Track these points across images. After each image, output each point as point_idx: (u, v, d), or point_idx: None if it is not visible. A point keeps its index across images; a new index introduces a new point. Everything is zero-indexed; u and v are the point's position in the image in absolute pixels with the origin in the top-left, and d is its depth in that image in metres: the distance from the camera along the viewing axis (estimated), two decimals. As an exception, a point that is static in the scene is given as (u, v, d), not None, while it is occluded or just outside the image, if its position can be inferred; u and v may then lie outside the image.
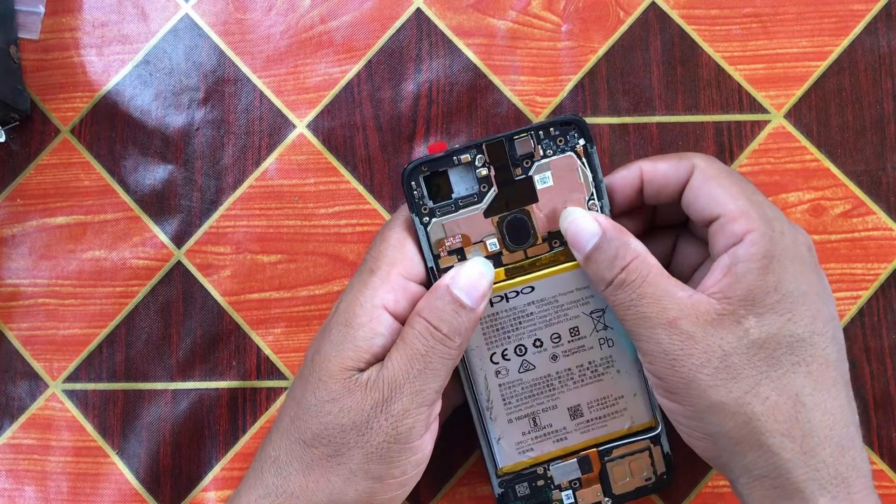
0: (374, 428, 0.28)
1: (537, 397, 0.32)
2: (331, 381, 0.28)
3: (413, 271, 0.30)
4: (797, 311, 0.27)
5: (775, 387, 0.26)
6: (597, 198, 0.31)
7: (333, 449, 0.28)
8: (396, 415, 0.28)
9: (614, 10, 0.40)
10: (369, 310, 0.29)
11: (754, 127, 0.39)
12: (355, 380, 0.28)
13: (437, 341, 0.28)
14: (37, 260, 0.40)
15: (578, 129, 0.31)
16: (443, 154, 0.31)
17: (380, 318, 0.29)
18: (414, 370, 0.28)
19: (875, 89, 0.39)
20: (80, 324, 0.39)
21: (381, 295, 0.29)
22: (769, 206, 0.29)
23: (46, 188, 0.40)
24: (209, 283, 0.39)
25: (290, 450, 0.29)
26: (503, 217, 0.31)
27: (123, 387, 0.39)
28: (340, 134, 0.40)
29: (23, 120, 0.40)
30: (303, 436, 0.29)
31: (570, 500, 0.33)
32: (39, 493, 0.38)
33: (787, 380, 0.26)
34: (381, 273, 0.29)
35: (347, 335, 0.29)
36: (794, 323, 0.27)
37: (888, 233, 0.38)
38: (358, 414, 0.28)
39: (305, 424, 0.29)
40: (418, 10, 0.40)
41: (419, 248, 0.31)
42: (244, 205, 0.40)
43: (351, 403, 0.28)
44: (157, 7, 0.41)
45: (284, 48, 0.40)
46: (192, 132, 0.40)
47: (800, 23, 0.40)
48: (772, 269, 0.27)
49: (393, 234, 0.31)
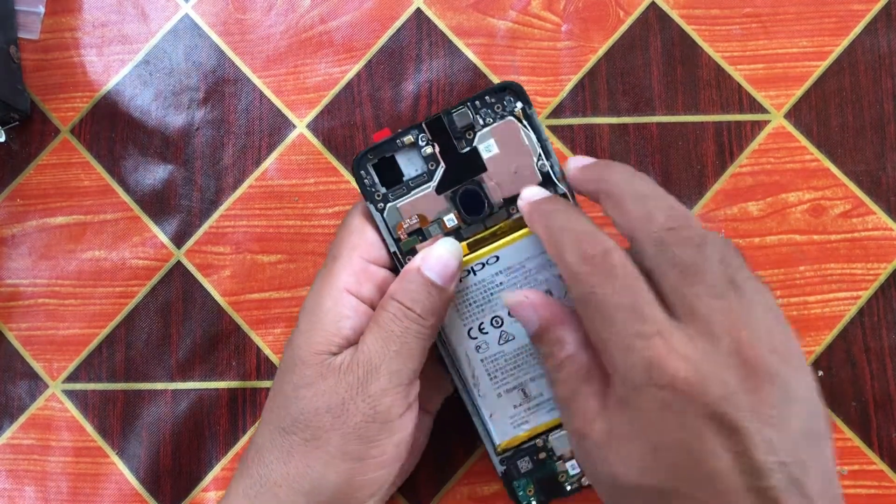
0: (351, 409, 0.28)
1: (522, 367, 0.32)
2: (303, 366, 0.29)
3: (374, 254, 0.30)
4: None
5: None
6: (545, 157, 0.31)
7: (311, 433, 0.28)
8: (374, 395, 0.28)
9: (614, 10, 0.40)
10: (334, 295, 0.29)
11: (754, 127, 0.39)
12: (328, 364, 0.28)
13: (412, 321, 0.28)
14: (36, 260, 0.40)
15: (514, 94, 0.31)
16: (386, 139, 0.31)
17: (344, 302, 0.29)
18: (390, 351, 0.28)
19: (875, 89, 0.39)
20: (80, 324, 0.39)
21: (343, 279, 0.29)
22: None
23: (46, 188, 0.40)
24: (209, 283, 0.39)
25: (271, 438, 0.29)
26: (455, 191, 0.31)
27: (123, 387, 0.39)
28: (340, 134, 0.40)
29: (23, 120, 0.40)
30: (281, 423, 0.29)
31: (577, 469, 0.32)
32: (39, 494, 0.38)
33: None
34: (343, 259, 0.30)
35: (314, 322, 0.29)
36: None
37: (888, 233, 0.38)
38: (333, 396, 0.28)
39: (283, 411, 0.29)
40: (418, 10, 0.40)
41: (380, 233, 0.31)
42: (244, 205, 0.40)
43: (325, 387, 0.28)
44: (156, 7, 0.41)
45: (284, 48, 0.40)
46: (191, 132, 0.40)
47: (800, 23, 0.40)
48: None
49: (352, 221, 0.31)
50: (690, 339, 0.23)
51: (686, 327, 0.23)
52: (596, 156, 0.39)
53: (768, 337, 0.23)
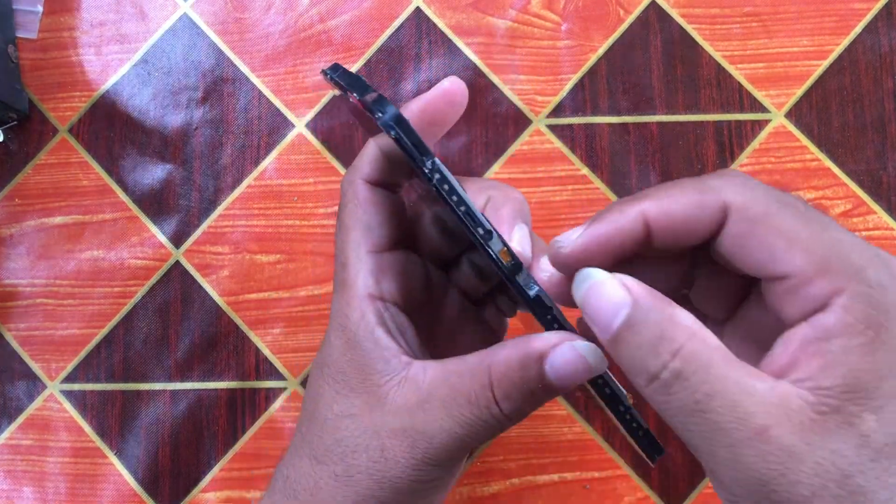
0: (390, 461, 0.25)
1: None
2: (351, 394, 0.25)
3: (380, 241, 0.26)
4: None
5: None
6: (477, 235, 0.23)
7: (342, 468, 0.26)
8: (418, 463, 0.24)
9: (614, 8, 0.40)
10: (357, 306, 0.26)
11: (755, 126, 0.39)
12: (377, 395, 0.25)
13: (493, 416, 0.23)
14: (35, 260, 0.39)
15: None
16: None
17: (371, 310, 0.26)
18: (453, 433, 0.24)
19: (876, 88, 0.39)
20: (79, 324, 0.39)
21: (361, 285, 0.26)
22: (853, 244, 0.20)
23: (44, 188, 0.40)
24: (208, 283, 0.39)
25: (299, 466, 0.27)
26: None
27: (122, 387, 0.39)
28: (339, 133, 0.40)
29: (21, 119, 0.40)
30: (314, 451, 0.26)
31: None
32: (37, 494, 0.38)
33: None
34: (352, 264, 0.26)
35: (350, 340, 0.26)
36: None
37: (889, 232, 0.38)
38: (374, 439, 0.25)
39: (318, 438, 0.26)
40: (417, 8, 0.40)
41: (373, 209, 0.27)
42: (243, 204, 0.39)
43: (370, 424, 0.25)
44: (155, 6, 0.41)
45: (283, 47, 0.40)
46: (190, 132, 0.40)
47: (800, 22, 0.40)
48: (881, 343, 0.18)
49: (346, 215, 0.27)
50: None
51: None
52: (596, 155, 0.39)
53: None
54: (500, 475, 0.37)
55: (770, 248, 0.20)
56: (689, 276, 0.25)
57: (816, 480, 0.18)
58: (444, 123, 0.26)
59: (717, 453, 0.19)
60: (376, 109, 0.22)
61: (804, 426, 0.18)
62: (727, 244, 0.21)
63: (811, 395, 0.19)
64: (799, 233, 0.20)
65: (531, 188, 0.39)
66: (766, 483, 0.19)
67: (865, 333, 0.19)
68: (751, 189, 0.21)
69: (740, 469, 0.19)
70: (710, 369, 0.19)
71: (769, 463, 0.18)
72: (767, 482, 0.18)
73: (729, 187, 0.21)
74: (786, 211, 0.20)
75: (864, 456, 0.18)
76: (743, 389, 0.19)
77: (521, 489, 0.37)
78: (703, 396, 0.19)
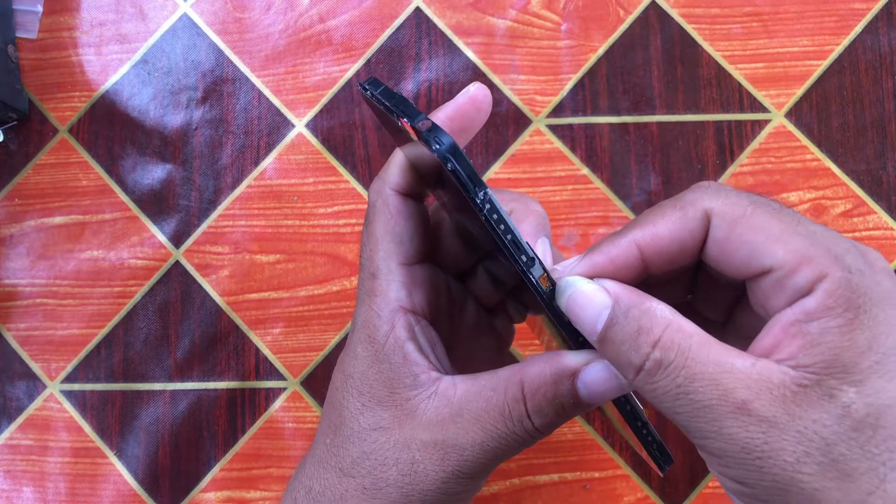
0: (420, 475, 0.25)
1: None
2: (379, 407, 0.25)
3: (411, 253, 0.26)
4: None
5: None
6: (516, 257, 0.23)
7: (371, 481, 0.25)
8: (448, 476, 0.24)
9: (614, 8, 0.40)
10: (387, 319, 0.26)
11: (755, 126, 0.39)
12: (407, 409, 0.25)
13: (526, 431, 0.24)
14: (35, 260, 0.39)
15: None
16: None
17: (402, 323, 0.26)
18: (486, 447, 0.24)
19: (876, 88, 0.39)
20: (79, 324, 0.39)
21: (392, 297, 0.26)
22: (828, 235, 0.21)
23: (44, 188, 0.40)
24: (207, 283, 0.39)
25: (324, 479, 0.26)
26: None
27: (122, 387, 0.39)
28: (339, 133, 0.40)
29: (21, 119, 0.40)
30: (340, 463, 0.26)
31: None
32: (37, 494, 0.38)
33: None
34: (383, 273, 0.26)
35: (379, 352, 0.25)
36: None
37: (889, 232, 0.38)
38: (404, 452, 0.25)
39: (345, 451, 0.26)
40: (417, 8, 0.40)
41: (404, 222, 0.26)
42: (243, 204, 0.39)
43: (400, 438, 0.25)
44: (155, 6, 0.41)
45: (283, 47, 0.40)
46: (190, 132, 0.40)
47: (800, 22, 0.40)
48: (860, 324, 0.20)
49: (377, 225, 0.27)
50: None
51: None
52: (596, 155, 0.39)
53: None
54: (500, 475, 0.37)
55: (751, 245, 0.21)
56: (689, 286, 0.26)
57: (800, 448, 0.19)
58: (472, 130, 0.26)
59: (703, 429, 0.20)
60: (432, 140, 0.22)
61: (786, 398, 0.19)
62: (713, 251, 0.22)
63: (793, 370, 0.20)
64: (776, 228, 0.21)
65: (531, 188, 0.39)
66: (751, 451, 0.20)
67: (844, 315, 0.20)
68: (725, 194, 0.22)
69: (726, 440, 0.20)
70: (689, 354, 0.20)
71: (751, 433, 0.20)
72: (751, 450, 0.20)
73: (705, 196, 0.22)
74: (761, 210, 0.21)
75: (846, 426, 0.19)
76: (723, 369, 0.20)
77: (521, 489, 0.37)
78: (684, 380, 0.20)
